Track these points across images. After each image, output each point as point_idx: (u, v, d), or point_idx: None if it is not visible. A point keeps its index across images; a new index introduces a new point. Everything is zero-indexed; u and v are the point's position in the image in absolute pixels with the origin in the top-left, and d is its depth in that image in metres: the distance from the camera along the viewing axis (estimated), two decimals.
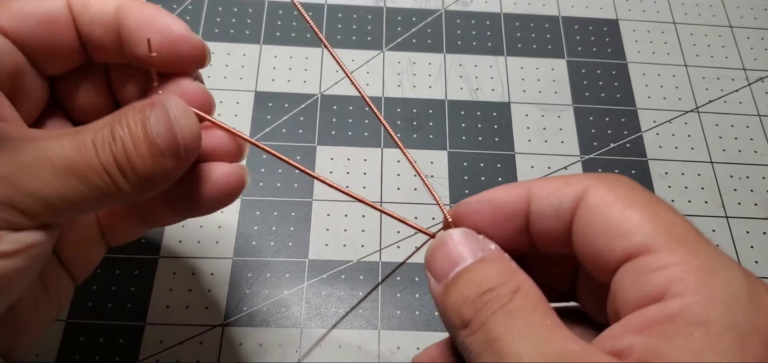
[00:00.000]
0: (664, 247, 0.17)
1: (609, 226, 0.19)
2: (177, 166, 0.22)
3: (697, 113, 0.42)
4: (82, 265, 0.26)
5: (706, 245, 0.18)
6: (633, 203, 0.19)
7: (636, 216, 0.18)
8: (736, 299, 0.16)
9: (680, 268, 0.17)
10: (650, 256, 0.17)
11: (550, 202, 0.20)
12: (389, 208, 0.37)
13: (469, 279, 0.20)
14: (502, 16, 0.45)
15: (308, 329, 0.34)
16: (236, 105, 0.40)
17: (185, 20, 0.43)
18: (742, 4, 0.47)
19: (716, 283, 0.17)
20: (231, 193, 0.25)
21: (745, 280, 0.17)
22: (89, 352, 0.32)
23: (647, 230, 0.18)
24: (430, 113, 0.41)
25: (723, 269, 0.17)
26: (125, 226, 0.26)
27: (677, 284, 0.17)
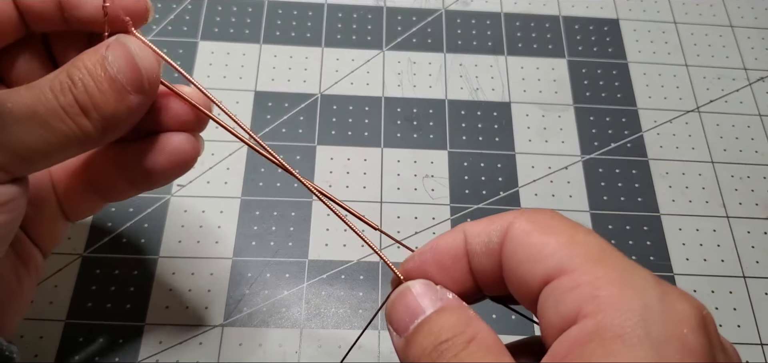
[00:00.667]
0: (578, 267, 0.18)
1: (528, 253, 0.19)
2: (141, 102, 0.23)
3: (697, 113, 0.42)
4: (48, 240, 0.27)
5: (620, 260, 0.18)
6: (550, 229, 0.19)
7: (552, 241, 0.19)
8: (649, 309, 0.17)
9: (593, 286, 0.17)
10: (565, 277, 0.18)
11: (482, 239, 0.21)
12: (389, 208, 0.37)
13: (428, 330, 0.20)
14: (503, 16, 0.45)
15: (308, 329, 0.34)
16: (236, 105, 0.40)
17: (185, 20, 0.43)
18: (742, 4, 0.47)
19: (629, 296, 0.17)
20: (185, 162, 0.25)
21: (657, 288, 0.17)
22: (89, 352, 0.32)
23: (562, 253, 0.18)
24: (431, 113, 0.41)
25: (635, 281, 0.17)
26: (84, 202, 0.27)
27: (591, 302, 0.17)
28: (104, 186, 0.26)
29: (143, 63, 0.23)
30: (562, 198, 0.38)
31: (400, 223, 0.37)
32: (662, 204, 0.39)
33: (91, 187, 0.26)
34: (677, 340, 0.16)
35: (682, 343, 0.16)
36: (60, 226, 0.27)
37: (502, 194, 0.38)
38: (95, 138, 0.22)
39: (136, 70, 0.22)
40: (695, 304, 0.17)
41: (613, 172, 0.39)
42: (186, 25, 0.43)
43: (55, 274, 0.34)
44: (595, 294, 0.17)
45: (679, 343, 0.16)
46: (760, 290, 0.36)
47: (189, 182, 0.37)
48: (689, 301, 0.17)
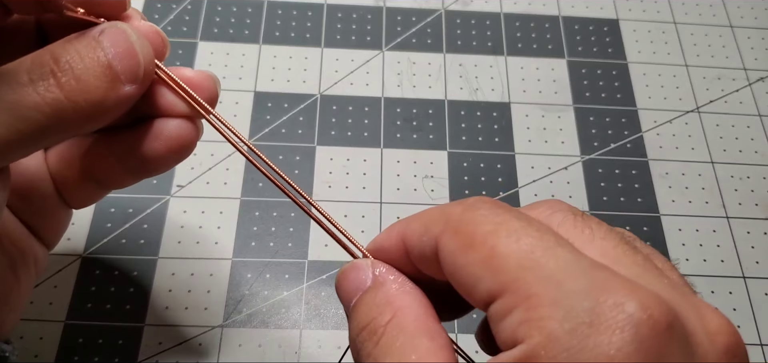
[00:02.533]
0: (509, 286, 0.16)
1: (461, 280, 0.18)
2: (132, 94, 0.21)
3: (697, 113, 0.42)
4: (51, 231, 0.26)
5: (556, 262, 0.16)
6: (473, 243, 0.17)
7: (476, 261, 0.17)
8: (575, 333, 0.15)
9: (524, 308, 0.16)
10: (499, 301, 0.17)
11: (417, 251, 0.19)
12: (388, 209, 0.37)
13: (353, 316, 0.20)
14: (502, 16, 0.45)
15: (308, 330, 0.34)
16: (235, 105, 0.40)
17: (184, 20, 0.43)
18: (742, 4, 0.47)
19: (557, 317, 0.15)
20: (183, 147, 0.24)
21: (587, 300, 0.15)
22: (88, 353, 0.32)
23: (487, 276, 0.17)
24: (430, 113, 0.41)
25: (565, 297, 0.16)
26: (83, 190, 0.26)
27: (523, 326, 0.16)
28: (101, 174, 0.25)
29: (143, 51, 0.21)
30: (562, 198, 0.38)
31: None
32: (662, 204, 0.39)
33: (89, 175, 0.25)
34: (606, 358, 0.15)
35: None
36: (62, 214, 0.26)
37: (502, 194, 0.38)
38: (75, 126, 0.21)
39: (135, 58, 0.21)
40: (633, 309, 0.15)
41: (613, 172, 0.39)
42: (185, 26, 0.43)
43: (55, 274, 0.34)
44: (526, 318, 0.16)
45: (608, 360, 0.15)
46: (759, 290, 0.36)
47: (188, 183, 0.37)
48: (626, 306, 0.15)
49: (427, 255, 0.19)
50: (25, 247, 0.25)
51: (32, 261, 0.26)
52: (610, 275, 0.16)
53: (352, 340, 0.19)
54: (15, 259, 0.25)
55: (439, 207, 0.20)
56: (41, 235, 0.26)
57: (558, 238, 0.17)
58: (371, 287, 0.20)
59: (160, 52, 0.23)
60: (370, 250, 0.22)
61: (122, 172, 0.25)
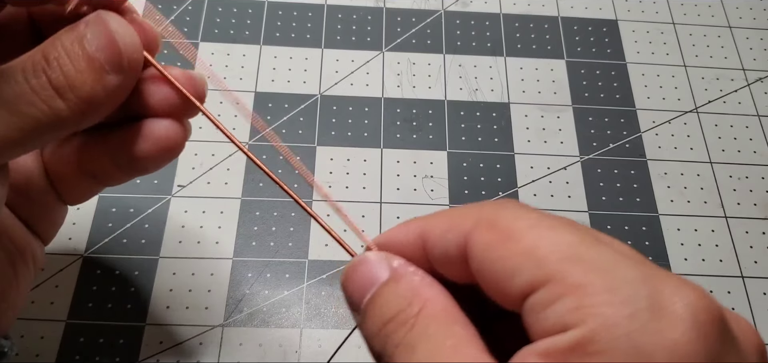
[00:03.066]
0: (556, 274, 0.16)
1: (498, 271, 0.17)
2: (120, 83, 0.22)
3: (696, 113, 0.42)
4: (47, 227, 0.27)
5: (601, 256, 0.16)
6: (513, 237, 0.17)
7: (519, 251, 0.17)
8: (636, 318, 0.15)
9: (577, 295, 0.16)
10: (545, 288, 0.16)
11: (439, 250, 0.19)
12: (388, 209, 0.38)
13: (375, 310, 0.19)
14: (502, 17, 0.45)
15: (308, 329, 0.34)
16: (236, 105, 0.40)
17: (185, 20, 0.43)
18: (741, 5, 0.47)
19: (615, 304, 0.15)
20: (170, 149, 0.24)
21: (646, 287, 0.16)
22: (89, 352, 0.32)
23: (534, 264, 0.17)
24: (430, 114, 0.41)
25: (621, 283, 0.16)
26: (79, 186, 0.26)
27: (576, 312, 0.16)
28: (96, 171, 0.25)
29: (123, 41, 0.21)
30: (561, 198, 0.39)
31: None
32: (660, 204, 0.39)
33: (84, 171, 0.25)
34: (666, 351, 0.15)
35: (672, 352, 0.15)
36: (57, 210, 0.27)
37: (502, 194, 0.38)
38: (71, 121, 0.21)
39: (114, 47, 0.21)
40: (691, 301, 0.16)
41: (612, 172, 0.40)
42: (186, 27, 0.43)
43: (56, 274, 0.34)
44: (578, 305, 0.16)
45: (668, 353, 0.15)
46: (758, 290, 0.36)
47: (189, 183, 0.37)
48: (683, 295, 0.16)
49: (451, 253, 0.19)
50: (23, 243, 0.26)
51: (30, 258, 0.26)
52: (657, 269, 0.16)
53: (373, 335, 0.19)
54: (13, 256, 0.25)
55: (466, 207, 0.19)
56: (38, 231, 0.26)
57: (597, 235, 0.17)
58: (391, 279, 0.19)
59: (151, 47, 0.24)
60: (380, 243, 0.21)
61: (115, 170, 0.25)
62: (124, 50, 0.22)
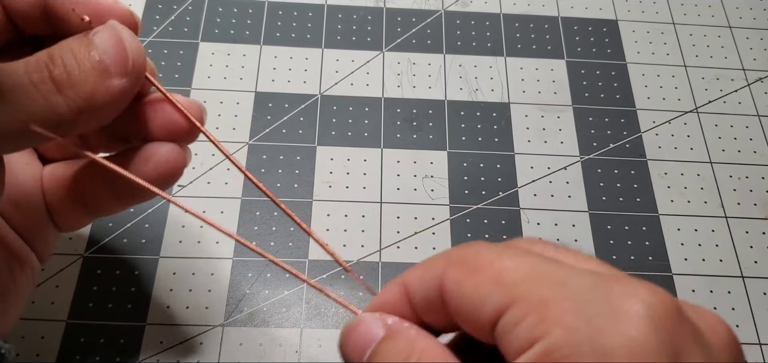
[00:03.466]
0: (519, 296, 0.17)
1: (469, 303, 0.19)
2: (124, 88, 0.22)
3: (696, 114, 0.42)
4: (42, 246, 0.27)
5: (555, 272, 0.18)
6: (477, 269, 0.19)
7: (484, 281, 0.18)
8: (594, 321, 0.16)
9: (539, 312, 0.17)
10: (510, 311, 0.17)
11: (421, 296, 0.20)
12: (388, 209, 0.38)
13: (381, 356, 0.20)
14: (502, 17, 0.45)
15: (308, 329, 0.34)
16: (236, 105, 0.40)
17: (185, 20, 0.43)
18: (741, 5, 0.47)
19: (573, 311, 0.16)
20: (171, 173, 0.24)
21: (600, 293, 0.17)
22: (90, 352, 0.32)
23: (496, 292, 0.18)
24: (430, 114, 0.41)
25: (576, 293, 0.17)
26: (71, 214, 0.26)
27: (539, 326, 0.17)
28: (90, 198, 0.26)
29: (131, 46, 0.22)
30: (561, 198, 0.39)
31: (400, 224, 0.37)
32: (661, 204, 0.39)
33: (79, 198, 0.26)
34: (625, 348, 0.16)
35: (631, 349, 0.16)
36: (51, 235, 0.27)
37: (502, 194, 0.38)
38: (67, 120, 0.21)
39: (123, 51, 0.22)
40: (644, 298, 0.16)
41: (612, 172, 0.40)
42: (187, 27, 0.43)
43: (57, 274, 0.34)
44: (541, 319, 0.17)
45: (627, 350, 0.16)
46: (758, 290, 0.36)
47: (189, 183, 0.37)
48: (637, 295, 0.16)
49: (431, 296, 0.20)
50: (22, 252, 0.26)
51: (29, 268, 0.26)
52: (612, 272, 0.17)
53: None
54: (11, 260, 0.25)
55: (437, 254, 0.21)
56: (34, 249, 0.27)
57: (554, 259, 0.19)
58: (387, 336, 0.20)
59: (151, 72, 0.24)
60: (374, 308, 0.22)
61: (110, 197, 0.25)
62: (131, 55, 0.22)
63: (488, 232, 0.37)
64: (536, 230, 0.37)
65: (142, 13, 0.43)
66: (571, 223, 0.38)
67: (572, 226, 0.38)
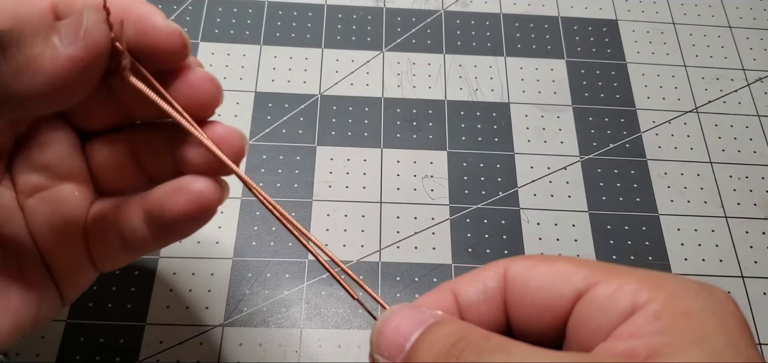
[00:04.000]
0: (607, 276, 0.18)
1: (547, 280, 0.19)
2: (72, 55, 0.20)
3: (696, 113, 0.42)
4: (70, 285, 0.26)
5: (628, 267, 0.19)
6: (551, 260, 0.19)
7: (563, 266, 0.19)
8: (697, 296, 0.17)
9: (636, 285, 0.18)
10: (601, 285, 0.18)
11: (476, 288, 0.20)
12: (388, 209, 0.38)
13: (433, 338, 0.18)
14: (502, 17, 0.45)
15: (308, 329, 0.34)
16: (236, 105, 0.40)
17: (185, 21, 0.43)
18: (741, 5, 0.47)
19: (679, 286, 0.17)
20: (205, 207, 0.23)
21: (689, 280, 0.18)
22: (90, 352, 0.32)
23: (583, 270, 0.19)
24: (430, 113, 0.41)
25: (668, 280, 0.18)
26: (109, 247, 0.25)
27: (643, 293, 0.17)
28: (126, 232, 0.24)
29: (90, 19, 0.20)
30: (561, 198, 0.39)
31: (400, 224, 0.37)
32: (660, 204, 0.39)
33: (116, 231, 0.25)
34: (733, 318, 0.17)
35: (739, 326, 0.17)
36: (85, 271, 0.26)
37: (501, 194, 0.38)
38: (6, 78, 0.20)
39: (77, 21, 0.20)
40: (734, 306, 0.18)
41: (612, 172, 0.40)
42: (186, 26, 0.43)
43: None
44: (642, 287, 0.17)
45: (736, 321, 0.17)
46: (758, 290, 0.36)
47: None
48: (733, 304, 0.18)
49: (489, 286, 0.20)
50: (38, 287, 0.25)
51: (35, 297, 0.25)
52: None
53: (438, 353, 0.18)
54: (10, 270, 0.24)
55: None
56: (61, 286, 0.25)
57: None
58: (441, 320, 0.19)
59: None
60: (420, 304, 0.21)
61: (146, 231, 0.24)
62: (85, 23, 0.20)
63: (488, 232, 0.37)
64: (536, 230, 0.37)
65: None
66: (571, 223, 0.38)
67: (572, 226, 0.38)
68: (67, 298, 0.26)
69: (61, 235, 0.25)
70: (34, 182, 0.25)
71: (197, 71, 0.23)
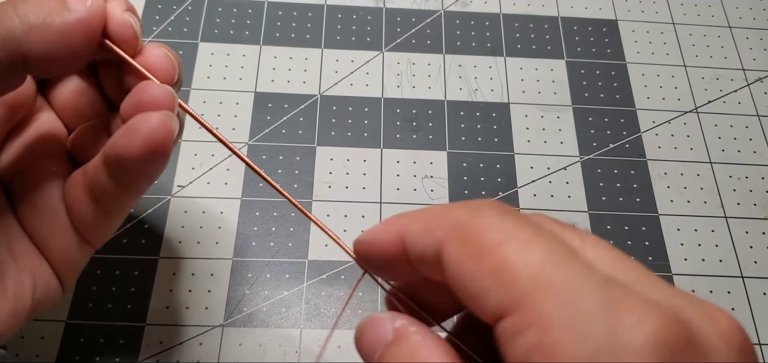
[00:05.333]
0: (522, 302, 0.16)
1: (467, 291, 0.17)
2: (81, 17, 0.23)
3: (696, 113, 0.42)
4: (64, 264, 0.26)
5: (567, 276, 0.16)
6: (481, 252, 0.17)
7: (487, 275, 0.17)
8: (597, 356, 0.15)
9: (538, 330, 0.16)
10: (509, 318, 0.16)
11: (417, 253, 0.19)
12: (388, 209, 0.38)
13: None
14: (502, 17, 0.45)
15: (308, 329, 0.34)
16: (236, 106, 0.40)
17: (185, 21, 0.43)
18: (741, 5, 0.47)
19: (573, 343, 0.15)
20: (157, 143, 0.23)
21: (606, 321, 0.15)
22: (89, 352, 0.32)
23: (498, 288, 0.17)
24: (430, 114, 0.41)
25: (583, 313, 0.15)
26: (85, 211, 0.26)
27: (536, 352, 0.16)
28: (96, 188, 0.25)
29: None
30: (561, 198, 0.39)
31: None
32: (660, 204, 0.39)
33: (88, 194, 0.25)
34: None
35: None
36: (75, 247, 0.26)
37: (501, 194, 0.38)
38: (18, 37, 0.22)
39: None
40: (650, 330, 0.15)
41: (612, 172, 0.40)
42: (186, 27, 0.43)
43: None
44: (540, 342, 0.15)
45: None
46: (758, 290, 0.36)
47: (189, 183, 0.37)
48: (644, 327, 0.15)
49: (428, 258, 0.19)
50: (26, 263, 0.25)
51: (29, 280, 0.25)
52: (622, 291, 0.16)
53: None
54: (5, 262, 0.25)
55: (442, 208, 0.19)
56: (59, 274, 0.26)
57: (568, 250, 0.17)
58: (393, 341, 0.20)
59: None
60: (362, 241, 0.21)
61: (110, 181, 0.24)
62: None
63: None
64: None
65: (142, 13, 0.43)
66: (571, 223, 0.38)
67: None
68: (65, 280, 0.27)
69: (44, 213, 0.25)
70: (17, 165, 0.26)
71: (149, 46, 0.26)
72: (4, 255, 0.25)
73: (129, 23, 0.25)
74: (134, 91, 0.24)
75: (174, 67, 0.26)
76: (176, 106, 0.25)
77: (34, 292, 0.25)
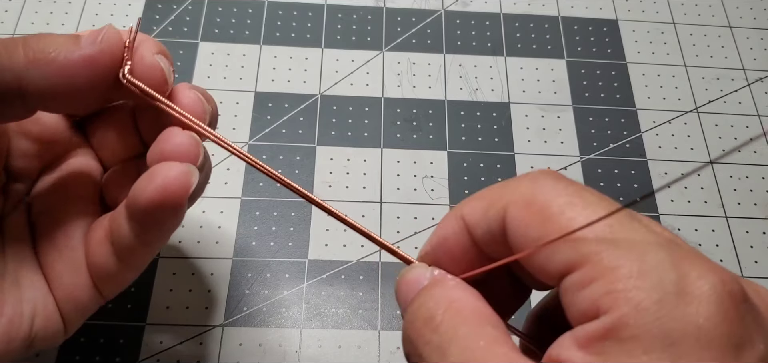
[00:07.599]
0: (589, 257, 0.17)
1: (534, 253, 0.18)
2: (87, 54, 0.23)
3: (696, 113, 0.42)
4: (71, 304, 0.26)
5: (633, 235, 0.17)
6: (547, 215, 0.18)
7: (553, 234, 0.18)
8: (665, 303, 0.16)
9: (609, 280, 0.16)
10: (579, 271, 0.17)
11: (483, 229, 0.20)
12: (388, 209, 0.38)
13: (411, 309, 0.20)
14: (502, 17, 0.45)
15: (308, 329, 0.34)
16: (236, 105, 0.40)
17: (185, 20, 0.43)
18: (741, 5, 0.47)
19: (645, 288, 0.16)
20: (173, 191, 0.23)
21: (672, 272, 0.16)
22: (89, 352, 0.32)
23: (565, 247, 0.17)
24: (430, 113, 0.41)
25: (651, 268, 0.16)
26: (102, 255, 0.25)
27: (607, 297, 0.16)
28: (115, 233, 0.25)
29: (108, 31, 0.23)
30: None
31: (400, 224, 0.37)
32: (661, 204, 0.39)
33: (108, 236, 0.25)
34: (692, 336, 0.15)
35: (698, 337, 0.15)
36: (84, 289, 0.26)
37: None
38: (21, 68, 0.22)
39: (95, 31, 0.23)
40: (714, 281, 0.16)
41: (612, 172, 0.40)
42: (186, 26, 0.43)
43: None
44: (610, 289, 0.16)
45: (694, 338, 0.15)
46: None
47: None
48: (708, 278, 0.16)
49: (494, 230, 0.19)
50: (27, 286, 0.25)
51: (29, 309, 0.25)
52: (685, 250, 0.17)
53: (406, 333, 0.20)
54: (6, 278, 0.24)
55: (500, 184, 0.20)
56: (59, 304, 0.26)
57: (631, 213, 0.18)
58: (429, 284, 0.20)
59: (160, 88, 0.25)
60: (430, 249, 0.22)
61: (128, 228, 0.24)
62: (105, 32, 0.23)
63: None
64: None
65: (142, 13, 0.43)
66: None
67: None
68: (69, 322, 0.26)
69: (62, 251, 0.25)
70: (46, 200, 0.26)
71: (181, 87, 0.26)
72: (9, 281, 0.25)
73: (158, 66, 0.24)
74: (159, 137, 0.24)
75: (204, 111, 0.25)
76: (201, 155, 0.25)
77: (32, 323, 0.25)
